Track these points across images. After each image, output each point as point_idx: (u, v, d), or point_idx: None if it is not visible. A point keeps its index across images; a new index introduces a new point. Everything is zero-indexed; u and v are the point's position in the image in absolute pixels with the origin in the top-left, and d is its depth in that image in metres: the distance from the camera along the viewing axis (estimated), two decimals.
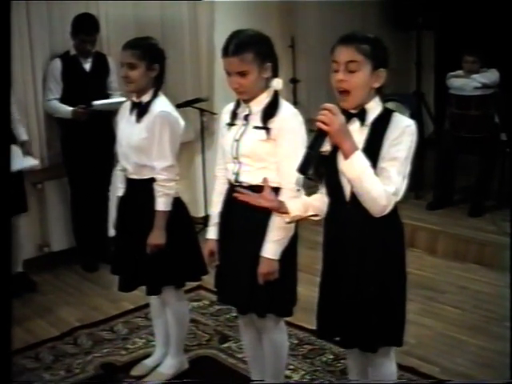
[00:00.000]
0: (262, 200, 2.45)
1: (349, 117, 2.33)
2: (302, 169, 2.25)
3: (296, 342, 3.79)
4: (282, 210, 2.49)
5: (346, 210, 2.40)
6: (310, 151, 2.25)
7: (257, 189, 2.60)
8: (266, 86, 2.71)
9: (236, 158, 2.73)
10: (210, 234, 2.94)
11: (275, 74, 2.72)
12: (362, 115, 2.36)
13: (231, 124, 2.78)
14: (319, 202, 2.53)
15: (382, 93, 2.41)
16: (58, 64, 4.72)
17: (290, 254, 2.75)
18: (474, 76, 5.52)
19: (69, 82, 4.74)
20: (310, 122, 2.70)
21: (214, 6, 5.64)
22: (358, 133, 2.33)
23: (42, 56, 4.76)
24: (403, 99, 5.99)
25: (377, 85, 2.36)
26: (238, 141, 2.72)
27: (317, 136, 2.25)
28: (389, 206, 2.29)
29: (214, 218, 2.91)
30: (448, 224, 5.32)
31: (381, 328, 2.43)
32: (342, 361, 3.57)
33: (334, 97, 2.37)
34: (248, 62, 2.61)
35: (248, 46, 2.61)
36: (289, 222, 2.56)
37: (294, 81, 6.25)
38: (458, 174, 5.72)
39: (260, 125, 2.68)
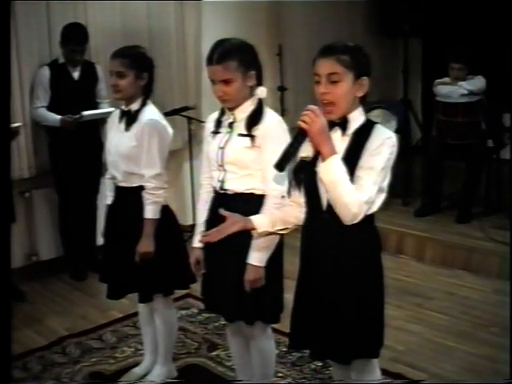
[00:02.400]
0: (228, 228, 2.40)
1: (331, 126, 2.32)
2: (279, 165, 2.27)
3: (285, 349, 3.79)
4: (249, 227, 2.45)
5: (323, 219, 2.38)
6: (288, 148, 2.27)
7: (242, 196, 2.66)
8: (251, 94, 2.72)
9: (221, 165, 2.74)
10: (195, 242, 2.92)
11: (259, 83, 2.74)
12: (344, 124, 2.35)
13: (216, 132, 2.79)
14: (289, 214, 2.51)
15: (366, 102, 2.40)
16: (46, 72, 4.71)
17: (276, 260, 2.75)
18: (461, 83, 5.56)
19: (57, 90, 4.73)
20: (296, 130, 2.70)
21: (202, 15, 5.65)
22: (340, 142, 2.32)
23: (30, 63, 4.74)
24: (390, 106, 6.02)
25: (360, 93, 2.34)
26: (222, 148, 2.74)
27: (297, 134, 2.26)
28: (360, 215, 2.26)
29: (200, 227, 2.89)
30: (435, 230, 5.33)
31: (355, 340, 2.39)
32: (330, 368, 3.57)
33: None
34: (232, 70, 2.62)
35: (232, 55, 2.62)
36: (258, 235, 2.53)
37: (281, 89, 6.26)
38: (445, 180, 5.74)
39: (244, 132, 2.69)
